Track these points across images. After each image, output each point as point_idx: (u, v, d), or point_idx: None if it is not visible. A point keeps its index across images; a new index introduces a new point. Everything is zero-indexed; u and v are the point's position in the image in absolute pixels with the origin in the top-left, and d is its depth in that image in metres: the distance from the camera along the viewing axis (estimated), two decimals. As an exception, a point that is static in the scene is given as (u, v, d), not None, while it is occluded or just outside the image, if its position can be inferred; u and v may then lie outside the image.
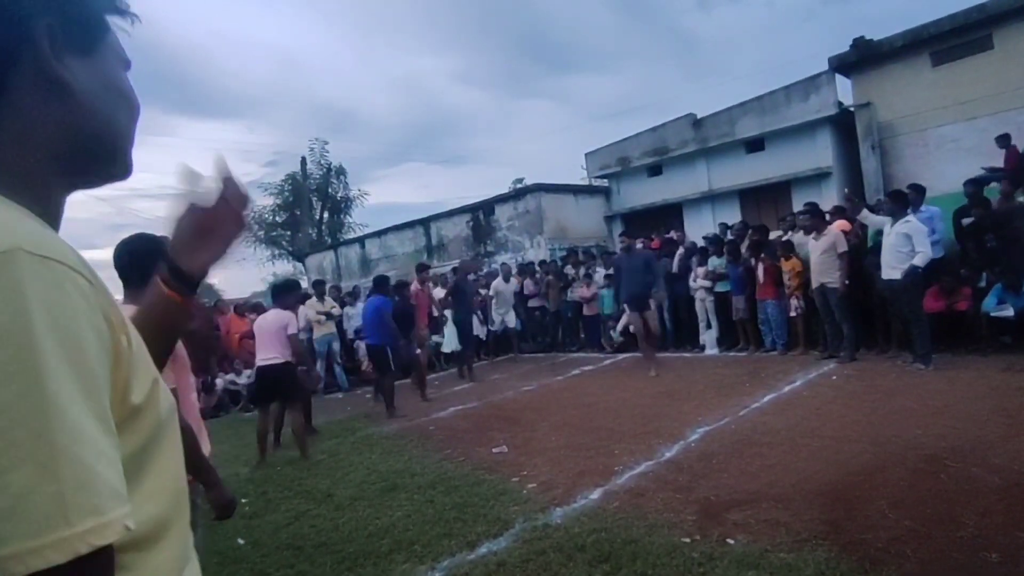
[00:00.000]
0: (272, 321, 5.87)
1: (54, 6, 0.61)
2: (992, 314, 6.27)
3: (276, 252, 29.68)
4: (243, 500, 4.52)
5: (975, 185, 7.62)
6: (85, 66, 0.65)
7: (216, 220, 0.88)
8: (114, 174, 0.73)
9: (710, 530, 3.08)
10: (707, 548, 2.87)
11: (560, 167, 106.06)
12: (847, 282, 6.91)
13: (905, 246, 6.10)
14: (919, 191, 7.40)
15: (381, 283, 8.20)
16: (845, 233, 7.19)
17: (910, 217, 6.29)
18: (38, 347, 0.48)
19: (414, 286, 8.80)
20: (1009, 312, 6.15)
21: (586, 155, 17.15)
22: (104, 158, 0.70)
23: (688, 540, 2.99)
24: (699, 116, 14.40)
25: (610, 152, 16.38)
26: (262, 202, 28.84)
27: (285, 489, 4.86)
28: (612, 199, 16.80)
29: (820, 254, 7.04)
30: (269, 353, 5.75)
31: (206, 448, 2.09)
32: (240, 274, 34.69)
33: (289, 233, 29.32)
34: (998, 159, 8.74)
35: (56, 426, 0.47)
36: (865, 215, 6.89)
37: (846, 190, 7.25)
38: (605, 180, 17.04)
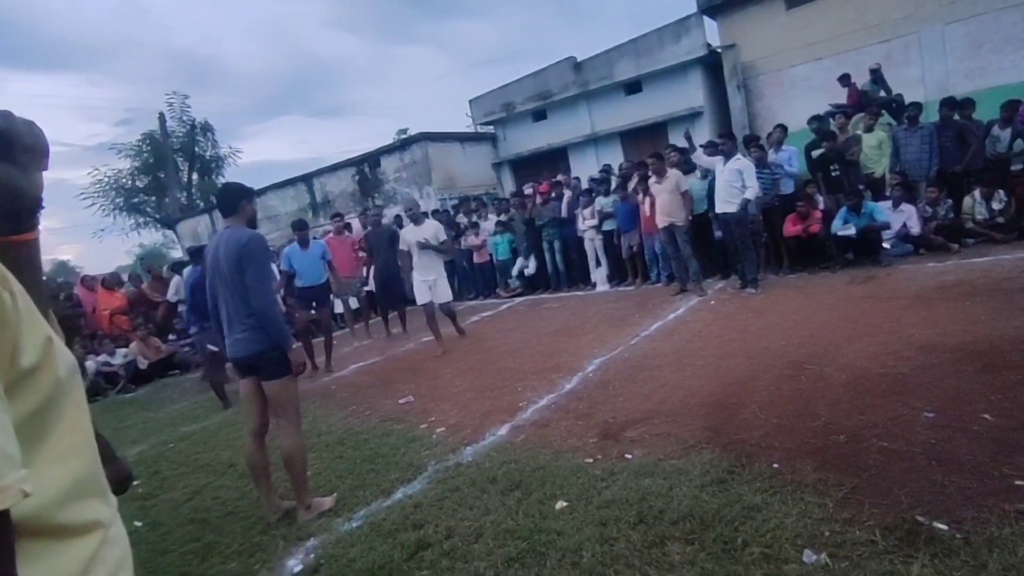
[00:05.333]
0: None
1: None
2: (840, 234, 7.06)
3: (141, 220, 26.98)
4: (135, 482, 4.26)
5: (819, 121, 8.44)
6: None
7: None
8: None
9: (610, 449, 3.33)
10: (608, 465, 3.12)
11: (445, 115, 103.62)
12: (690, 219, 7.47)
13: (737, 181, 6.74)
14: (784, 130, 8.11)
15: None
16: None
17: (739, 156, 6.93)
18: None
19: (329, 236, 8.51)
20: (851, 231, 6.96)
21: (470, 102, 16.90)
22: None
23: (591, 460, 3.22)
24: (579, 59, 14.56)
25: (494, 98, 16.24)
26: (118, 165, 25.99)
27: (181, 466, 4.64)
28: (499, 146, 16.78)
29: (666, 195, 7.45)
30: None
31: None
32: (99, 247, 31.34)
33: (154, 198, 26.66)
34: (842, 96, 9.66)
35: None
36: (698, 155, 7.55)
37: (686, 131, 7.75)
38: (491, 127, 16.94)
